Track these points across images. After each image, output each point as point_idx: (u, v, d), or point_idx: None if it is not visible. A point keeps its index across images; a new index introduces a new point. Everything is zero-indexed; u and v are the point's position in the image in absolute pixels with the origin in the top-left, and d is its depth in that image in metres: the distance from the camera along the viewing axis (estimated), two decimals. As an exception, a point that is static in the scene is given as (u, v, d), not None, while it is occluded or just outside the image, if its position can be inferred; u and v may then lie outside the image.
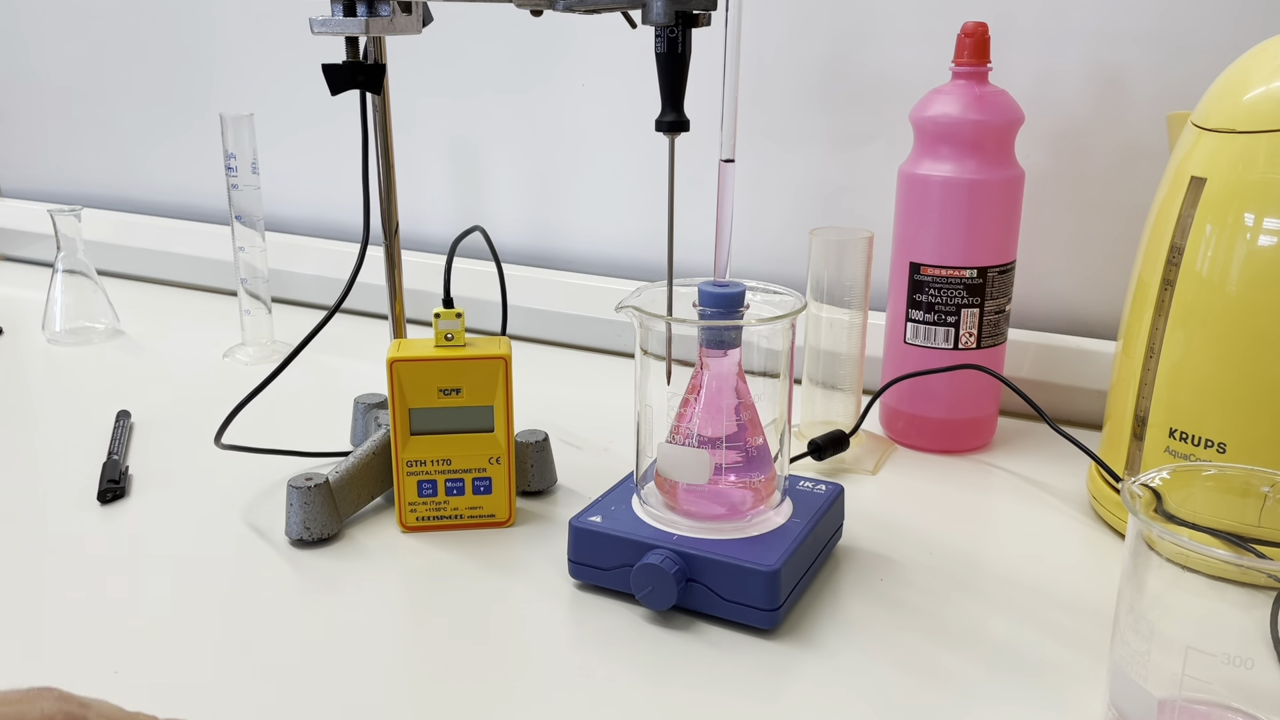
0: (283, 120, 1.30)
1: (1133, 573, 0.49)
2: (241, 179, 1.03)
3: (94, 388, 1.00)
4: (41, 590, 0.65)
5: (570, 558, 0.64)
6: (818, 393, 0.85)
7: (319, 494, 0.68)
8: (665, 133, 0.62)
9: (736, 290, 0.62)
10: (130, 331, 1.16)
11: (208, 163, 1.37)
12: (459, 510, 0.71)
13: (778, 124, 1.03)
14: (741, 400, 0.63)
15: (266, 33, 1.30)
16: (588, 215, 1.17)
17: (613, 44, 1.09)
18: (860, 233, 0.81)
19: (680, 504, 0.64)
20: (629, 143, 1.12)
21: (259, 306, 1.08)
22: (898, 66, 0.96)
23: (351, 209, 1.27)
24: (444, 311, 0.69)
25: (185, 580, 0.66)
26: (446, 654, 0.59)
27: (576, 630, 0.61)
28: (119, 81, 1.43)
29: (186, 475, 0.80)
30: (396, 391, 0.68)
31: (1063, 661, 0.58)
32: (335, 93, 0.70)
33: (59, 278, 1.12)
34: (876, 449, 0.84)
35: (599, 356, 1.09)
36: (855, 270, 0.81)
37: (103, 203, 1.47)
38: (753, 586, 0.58)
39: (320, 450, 0.79)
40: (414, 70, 1.19)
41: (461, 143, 1.21)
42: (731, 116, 0.61)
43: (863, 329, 0.83)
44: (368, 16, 0.68)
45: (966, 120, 0.79)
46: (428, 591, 0.65)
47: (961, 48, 0.80)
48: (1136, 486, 0.49)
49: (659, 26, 0.60)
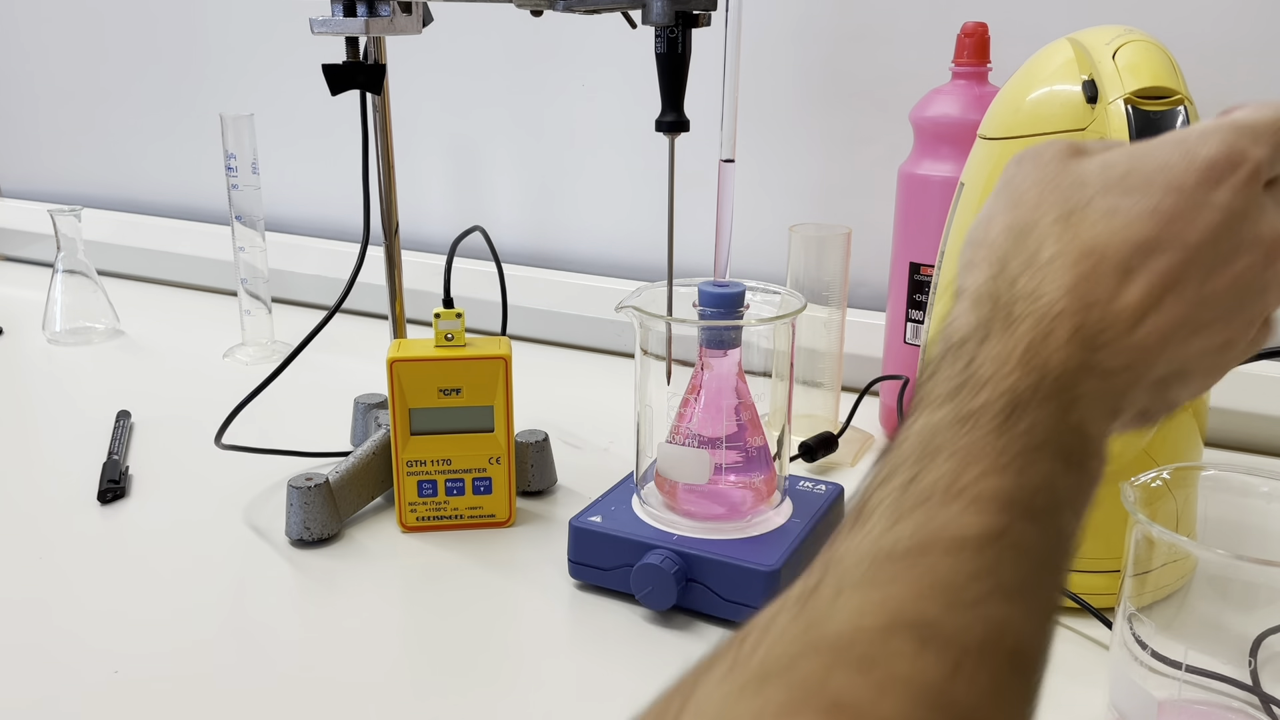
0: (283, 120, 1.30)
1: (1133, 572, 0.49)
2: (241, 179, 1.03)
3: (94, 388, 1.00)
4: (41, 590, 0.65)
5: (570, 558, 0.64)
6: (797, 389, 0.85)
7: (319, 494, 0.68)
8: (665, 133, 0.62)
9: (736, 290, 0.62)
10: (130, 331, 1.16)
11: (208, 163, 1.37)
12: (459, 510, 0.71)
13: (778, 124, 1.03)
14: (741, 400, 0.63)
15: (266, 33, 1.30)
16: (588, 215, 1.17)
17: (613, 44, 1.09)
18: (839, 229, 0.81)
19: (680, 504, 0.64)
20: (629, 143, 1.12)
21: (259, 306, 1.08)
22: (898, 66, 0.96)
23: (351, 209, 1.26)
24: (444, 311, 0.69)
25: (185, 580, 0.66)
26: (446, 654, 0.59)
27: (576, 630, 0.61)
28: (119, 82, 1.43)
29: (186, 475, 0.80)
30: (396, 391, 0.68)
31: (1063, 661, 0.57)
32: (335, 93, 0.70)
33: (59, 278, 1.12)
34: (855, 441, 0.84)
35: (599, 356, 1.09)
36: (834, 266, 0.81)
37: (103, 203, 1.47)
38: (753, 586, 0.58)
39: (320, 450, 0.79)
40: (414, 70, 1.18)
41: (461, 143, 1.21)
42: (731, 116, 0.61)
43: (841, 325, 0.83)
44: (368, 17, 0.68)
45: (966, 120, 0.79)
46: (428, 591, 0.65)
47: (961, 48, 0.80)
48: (1137, 486, 0.49)
49: (659, 27, 0.60)
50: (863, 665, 0.26)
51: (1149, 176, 0.35)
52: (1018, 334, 0.33)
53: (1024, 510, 0.30)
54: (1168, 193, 0.35)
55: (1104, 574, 0.59)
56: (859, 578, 0.28)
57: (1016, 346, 0.33)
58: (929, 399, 0.33)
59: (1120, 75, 0.55)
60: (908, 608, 0.27)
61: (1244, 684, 0.51)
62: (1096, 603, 0.59)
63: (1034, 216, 0.36)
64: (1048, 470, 0.31)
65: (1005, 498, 0.30)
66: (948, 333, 0.35)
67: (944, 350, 0.35)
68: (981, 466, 0.30)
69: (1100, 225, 0.35)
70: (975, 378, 0.33)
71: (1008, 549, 0.29)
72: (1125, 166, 0.36)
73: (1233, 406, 0.81)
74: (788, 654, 0.27)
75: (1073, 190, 0.36)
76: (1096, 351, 0.33)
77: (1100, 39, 0.58)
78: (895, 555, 0.29)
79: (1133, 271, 0.34)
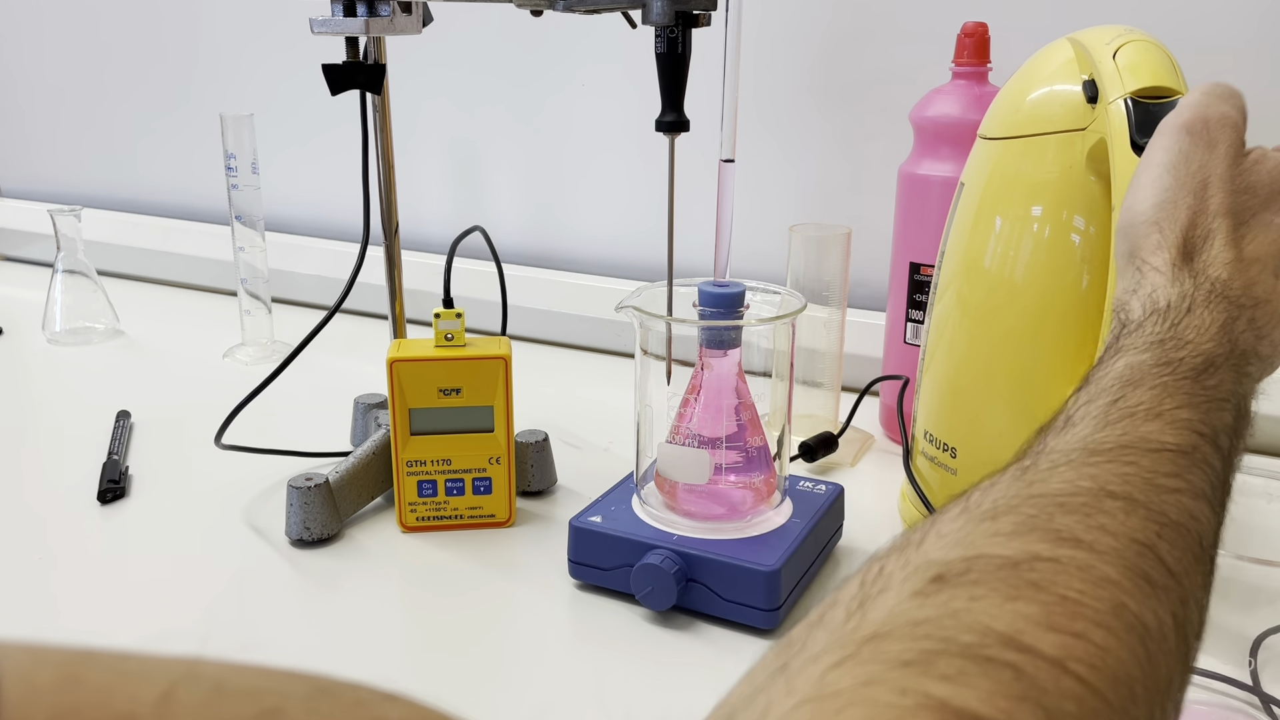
0: (283, 120, 1.30)
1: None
2: (241, 179, 1.03)
3: (94, 388, 1.00)
4: (41, 590, 0.65)
5: (570, 558, 0.64)
6: (797, 389, 0.85)
7: (319, 494, 0.68)
8: (665, 133, 0.62)
9: (736, 290, 0.62)
10: (130, 331, 1.16)
11: (208, 163, 1.37)
12: (459, 510, 0.71)
13: (777, 124, 1.03)
14: (741, 400, 0.63)
15: (266, 33, 1.30)
16: (588, 215, 1.17)
17: (612, 44, 1.09)
18: (839, 229, 0.81)
19: (680, 504, 0.64)
20: (629, 142, 1.12)
21: (259, 306, 1.08)
22: (898, 66, 0.96)
23: (351, 209, 1.26)
24: (444, 311, 0.69)
25: (185, 580, 0.66)
26: (446, 653, 0.59)
27: (576, 630, 0.61)
28: (119, 81, 1.43)
29: (186, 475, 0.80)
30: (396, 391, 0.68)
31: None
32: (335, 93, 0.70)
33: (59, 278, 1.12)
34: (855, 441, 0.84)
35: (599, 356, 1.09)
36: (834, 266, 0.81)
37: (103, 203, 1.47)
38: (753, 586, 0.58)
39: (320, 450, 0.79)
40: (414, 70, 1.18)
41: (462, 143, 1.21)
42: (731, 116, 0.61)
43: (841, 325, 0.83)
44: (368, 16, 0.68)
45: (966, 120, 0.78)
46: (428, 591, 0.65)
47: (961, 48, 0.80)
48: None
49: (659, 27, 0.60)
50: (1082, 511, 0.31)
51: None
52: (1215, 311, 0.42)
53: (1210, 441, 0.36)
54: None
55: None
56: (1071, 460, 0.34)
57: (1215, 321, 0.41)
58: (1132, 346, 0.41)
59: (1120, 75, 0.55)
60: (1115, 484, 0.33)
61: (1244, 684, 0.51)
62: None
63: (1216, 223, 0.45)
64: (1229, 419, 0.38)
65: (1196, 427, 0.36)
66: (1153, 298, 0.43)
67: (1149, 312, 0.43)
68: (1178, 400, 0.37)
69: (1262, 237, 0.45)
70: (1179, 337, 0.40)
71: (1199, 463, 0.35)
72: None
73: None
74: (1015, 499, 0.32)
75: (1245, 197, 0.45)
76: (1261, 340, 0.43)
77: (1100, 39, 0.58)
78: (1103, 450, 0.35)
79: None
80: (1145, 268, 0.45)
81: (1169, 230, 0.45)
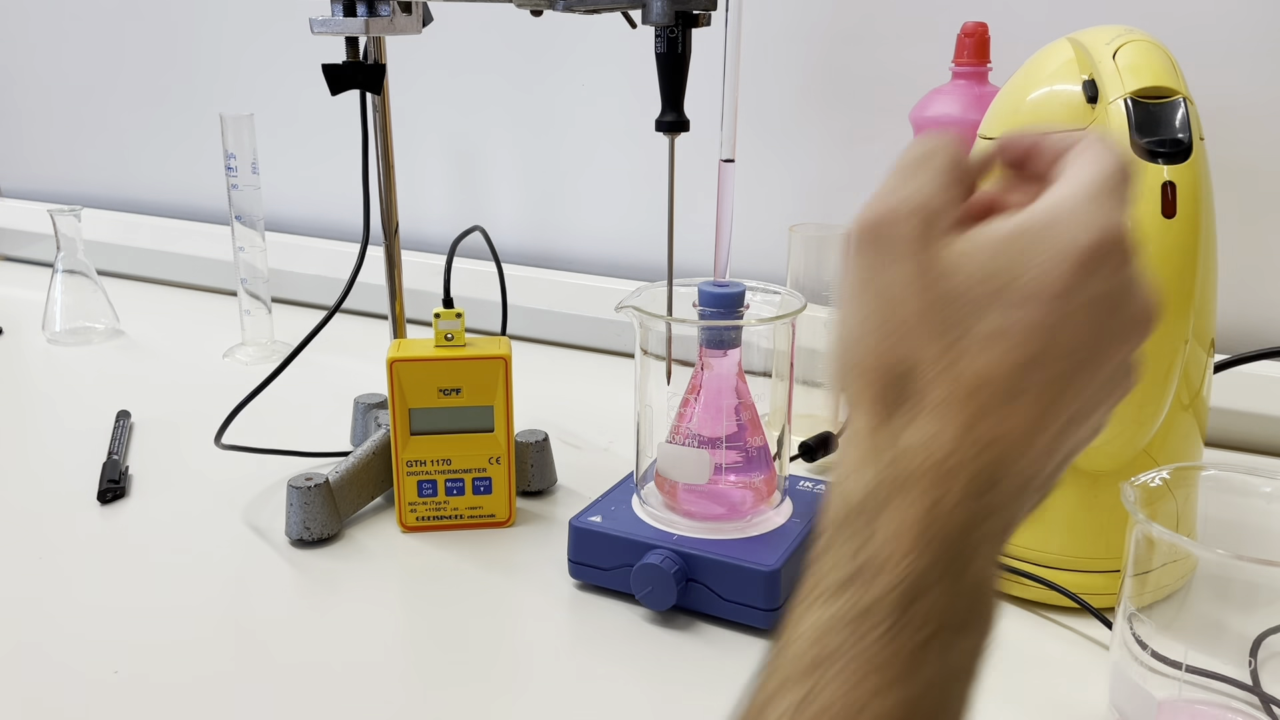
0: (283, 120, 1.30)
1: (1133, 572, 0.49)
2: (241, 179, 1.03)
3: (94, 388, 1.00)
4: (41, 590, 0.65)
5: (570, 558, 0.64)
6: (797, 389, 0.85)
7: (319, 494, 0.68)
8: (665, 132, 0.62)
9: (736, 290, 0.62)
10: (130, 331, 1.16)
11: (208, 163, 1.37)
12: (459, 510, 0.71)
13: (778, 124, 1.03)
14: (741, 400, 0.63)
15: (266, 33, 1.30)
16: (588, 215, 1.17)
17: (612, 44, 1.09)
18: (839, 229, 0.81)
19: (680, 504, 0.64)
20: (629, 142, 1.12)
21: (259, 306, 1.08)
22: (898, 66, 0.96)
23: (351, 209, 1.26)
24: (444, 311, 0.69)
25: (185, 580, 0.66)
26: (446, 654, 0.59)
27: (576, 630, 0.61)
28: (119, 82, 1.43)
29: (186, 475, 0.80)
30: (396, 391, 0.68)
31: (1063, 661, 0.57)
32: (335, 93, 0.70)
33: (59, 278, 1.12)
34: None
35: (599, 356, 1.09)
36: (834, 267, 0.81)
37: (103, 203, 1.47)
38: (753, 586, 0.58)
39: (320, 450, 0.79)
40: (414, 70, 1.18)
41: (461, 142, 1.21)
42: (731, 116, 0.61)
43: None
44: (368, 16, 0.68)
45: (966, 120, 0.79)
46: (428, 591, 0.65)
47: (961, 48, 0.80)
48: (1137, 486, 0.49)
49: (659, 27, 0.60)
50: None
51: (1029, 289, 0.32)
52: (912, 498, 0.31)
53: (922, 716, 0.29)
54: (1050, 301, 0.32)
55: (1104, 574, 0.59)
56: None
57: (911, 517, 0.31)
58: (822, 586, 0.31)
59: (1120, 75, 0.55)
60: None
61: (1244, 684, 0.51)
62: (1096, 603, 0.59)
63: (914, 350, 0.33)
64: (941, 661, 0.30)
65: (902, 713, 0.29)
66: (844, 490, 0.32)
67: (845, 510, 0.32)
68: (877, 681, 0.29)
69: (985, 354, 0.32)
70: (871, 563, 0.31)
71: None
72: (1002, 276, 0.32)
73: (1233, 406, 0.81)
74: None
75: (949, 308, 0.32)
76: (993, 489, 0.31)
77: (1100, 39, 0.58)
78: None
79: (1020, 394, 0.32)
80: (849, 435, 0.34)
81: (860, 377, 0.34)
